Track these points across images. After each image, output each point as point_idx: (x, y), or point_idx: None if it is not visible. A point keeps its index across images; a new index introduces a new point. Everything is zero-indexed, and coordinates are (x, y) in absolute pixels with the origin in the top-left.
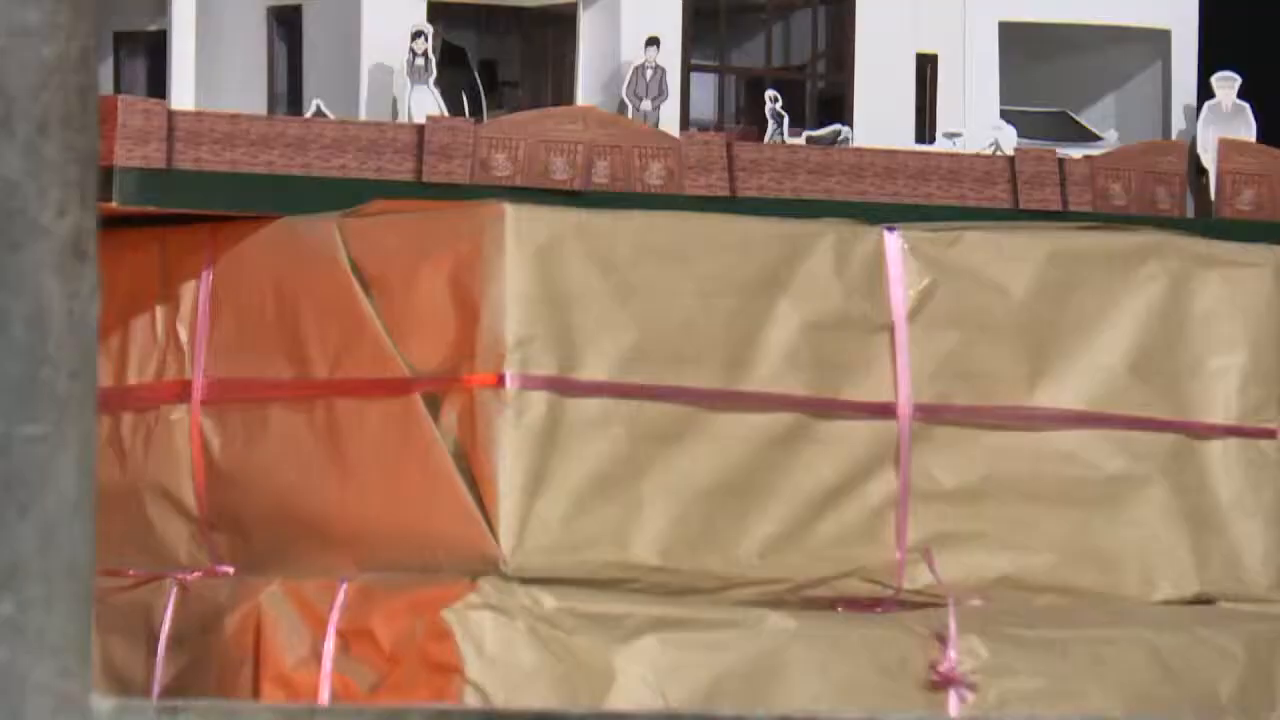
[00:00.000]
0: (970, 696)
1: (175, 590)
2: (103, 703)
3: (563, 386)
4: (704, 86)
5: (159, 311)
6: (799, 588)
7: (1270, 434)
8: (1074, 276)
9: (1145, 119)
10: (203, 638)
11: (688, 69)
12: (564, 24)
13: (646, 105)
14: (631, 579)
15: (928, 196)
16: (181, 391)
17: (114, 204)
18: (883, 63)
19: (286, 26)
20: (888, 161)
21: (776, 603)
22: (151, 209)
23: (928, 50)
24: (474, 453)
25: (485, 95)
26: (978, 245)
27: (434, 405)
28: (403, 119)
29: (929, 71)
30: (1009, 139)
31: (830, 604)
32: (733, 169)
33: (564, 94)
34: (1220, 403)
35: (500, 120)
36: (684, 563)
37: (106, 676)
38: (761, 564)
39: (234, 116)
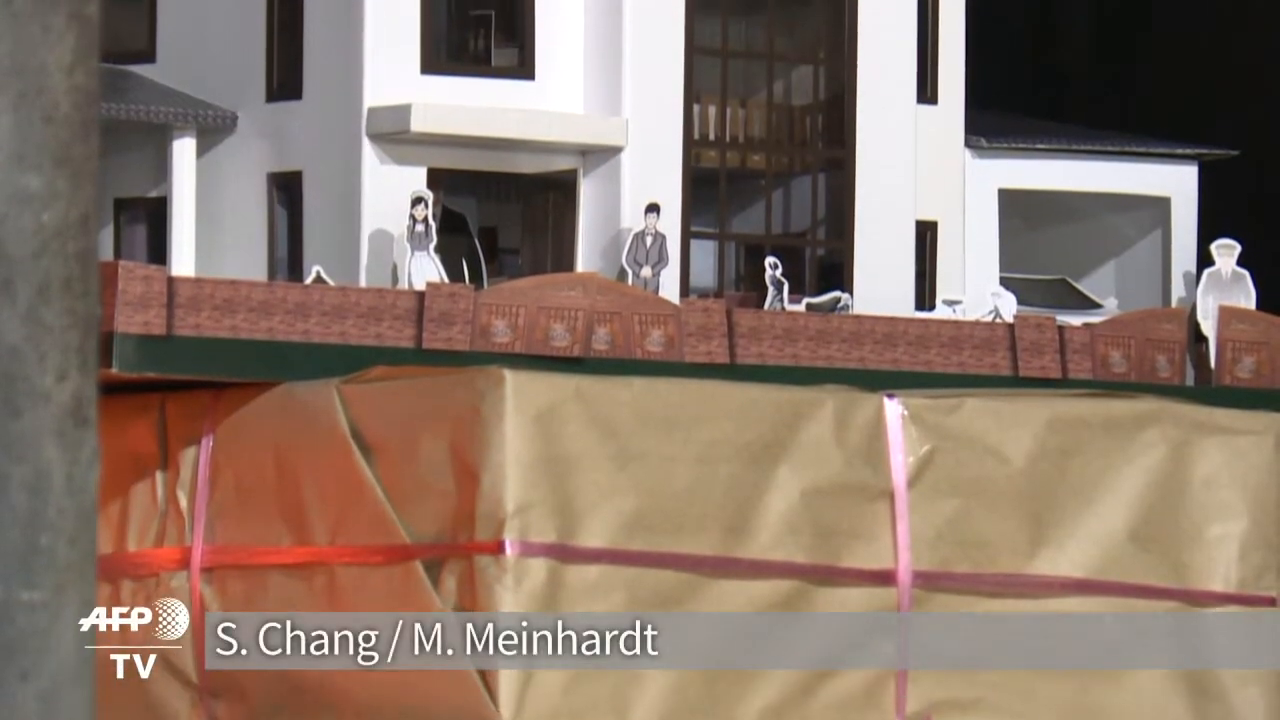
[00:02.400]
0: None
1: None
2: None
3: (562, 553)
4: (704, 253)
5: (159, 478)
6: None
7: (1270, 601)
8: (1074, 444)
9: (1145, 286)
10: None
11: (688, 235)
12: (564, 190)
13: (646, 272)
14: None
15: (927, 364)
16: (181, 558)
17: (114, 369)
18: (882, 229)
19: (286, 193)
20: (888, 328)
21: None
22: (152, 374)
23: (928, 217)
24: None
25: (485, 261)
26: (978, 412)
27: (434, 571)
28: (403, 285)
29: (929, 238)
30: (1009, 306)
31: None
32: (733, 336)
33: (564, 260)
34: (1220, 570)
35: (500, 287)
36: None
37: None
38: None
39: (234, 283)
